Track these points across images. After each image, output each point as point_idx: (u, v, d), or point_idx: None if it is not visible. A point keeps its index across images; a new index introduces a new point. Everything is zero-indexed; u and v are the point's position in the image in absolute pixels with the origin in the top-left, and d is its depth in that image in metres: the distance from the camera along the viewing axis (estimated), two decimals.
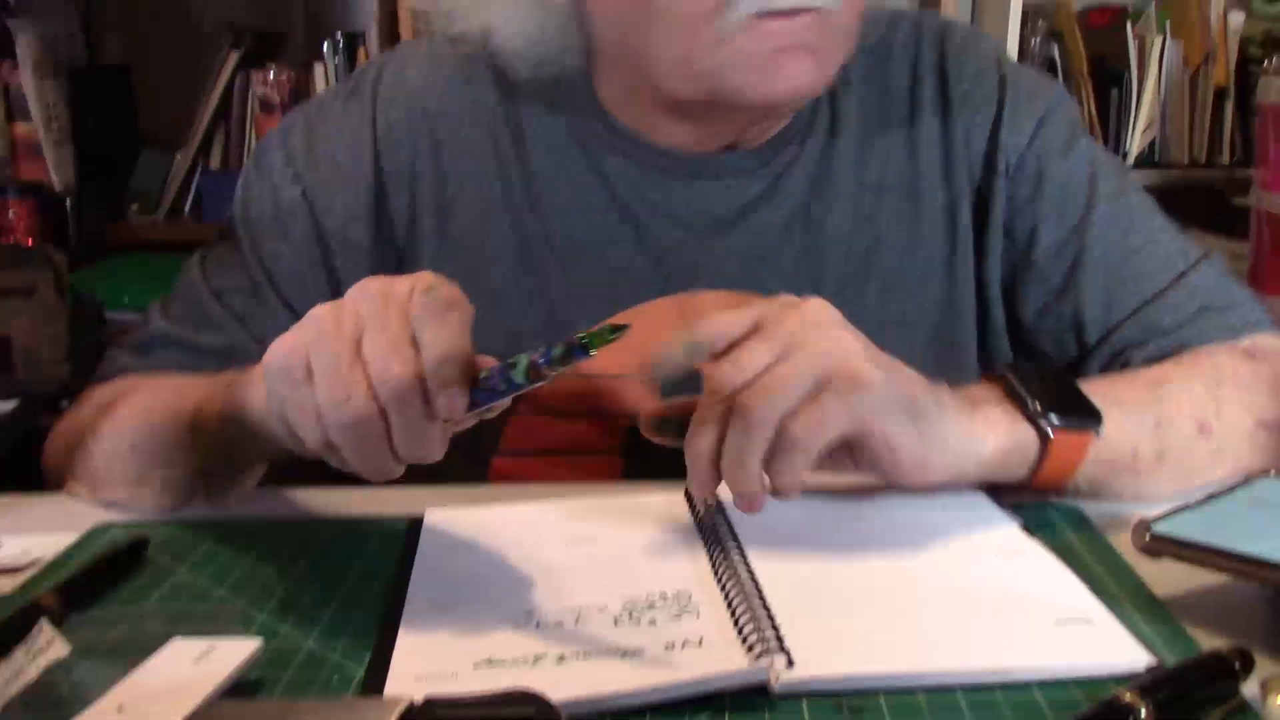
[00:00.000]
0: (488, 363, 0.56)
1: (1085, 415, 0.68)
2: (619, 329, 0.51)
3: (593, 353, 0.51)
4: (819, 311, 0.62)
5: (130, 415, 0.76)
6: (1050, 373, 0.72)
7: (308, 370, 0.56)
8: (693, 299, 0.82)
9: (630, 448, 0.82)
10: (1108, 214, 0.84)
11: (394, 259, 0.85)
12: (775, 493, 0.60)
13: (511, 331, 0.83)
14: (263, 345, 0.59)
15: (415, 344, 0.55)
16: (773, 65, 0.74)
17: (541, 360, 0.52)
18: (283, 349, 0.57)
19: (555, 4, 0.82)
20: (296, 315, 0.79)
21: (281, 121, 0.91)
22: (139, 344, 0.86)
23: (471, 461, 0.82)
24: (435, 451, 0.55)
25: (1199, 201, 2.20)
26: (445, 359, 0.54)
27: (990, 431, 0.66)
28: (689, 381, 0.63)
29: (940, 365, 0.83)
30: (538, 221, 0.84)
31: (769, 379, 0.58)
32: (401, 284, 0.57)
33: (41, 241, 2.08)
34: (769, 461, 0.59)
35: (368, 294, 0.57)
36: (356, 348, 0.55)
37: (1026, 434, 0.67)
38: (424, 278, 0.57)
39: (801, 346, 0.59)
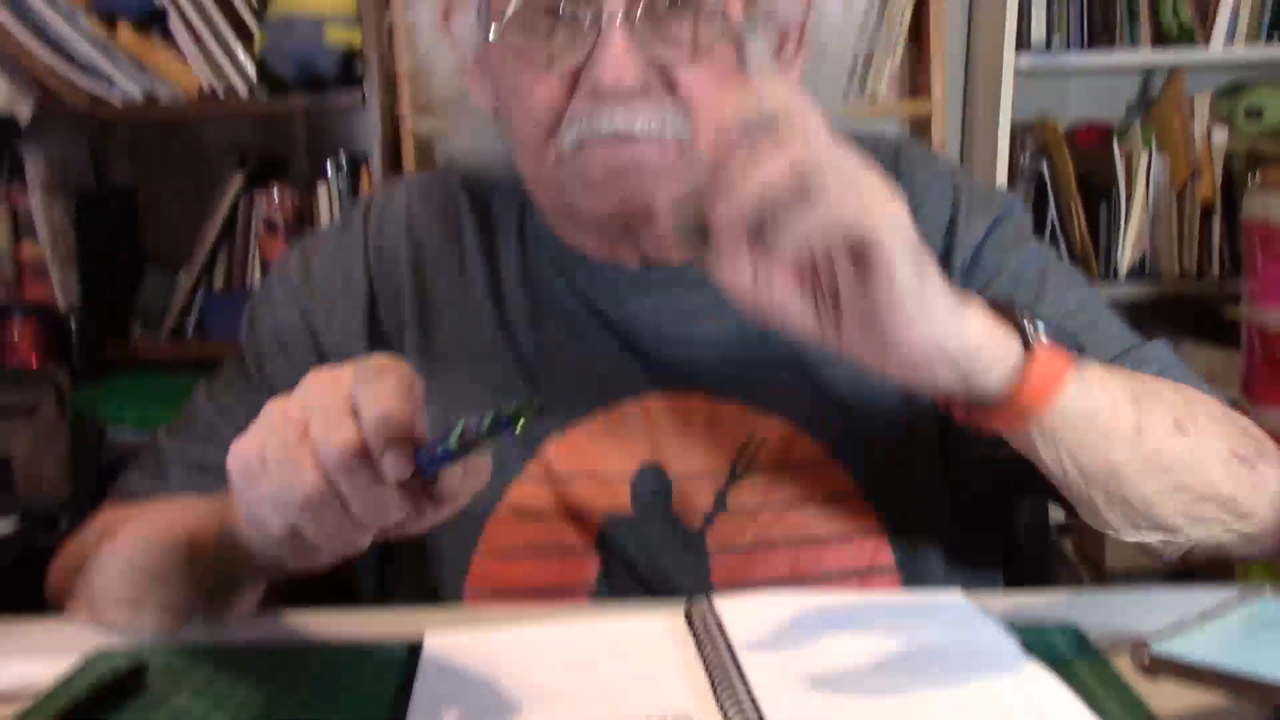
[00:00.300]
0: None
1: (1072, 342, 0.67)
2: (542, 407, 0.56)
3: (517, 429, 0.54)
4: None
5: (130, 539, 0.78)
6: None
7: (263, 462, 0.58)
8: (661, 400, 0.85)
9: (607, 544, 0.84)
10: (1059, 298, 0.85)
11: None
12: (764, 246, 0.58)
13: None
14: None
15: (356, 414, 0.57)
16: (604, 186, 0.78)
17: (473, 429, 0.56)
18: (241, 448, 0.60)
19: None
20: None
21: (279, 258, 0.96)
22: (148, 466, 0.89)
23: (452, 564, 0.84)
24: (392, 513, 0.57)
25: (1190, 314, 2.23)
26: (383, 421, 0.56)
27: (977, 319, 0.64)
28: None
29: (901, 447, 0.85)
30: (514, 332, 0.87)
31: (828, 148, 0.57)
32: (343, 369, 0.60)
33: (45, 361, 2.09)
34: (778, 210, 0.56)
35: (309, 384, 0.60)
36: (303, 431, 0.58)
37: (1010, 338, 0.65)
38: (365, 360, 0.60)
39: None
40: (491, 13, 0.79)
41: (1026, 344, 0.65)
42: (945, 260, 0.87)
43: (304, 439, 0.57)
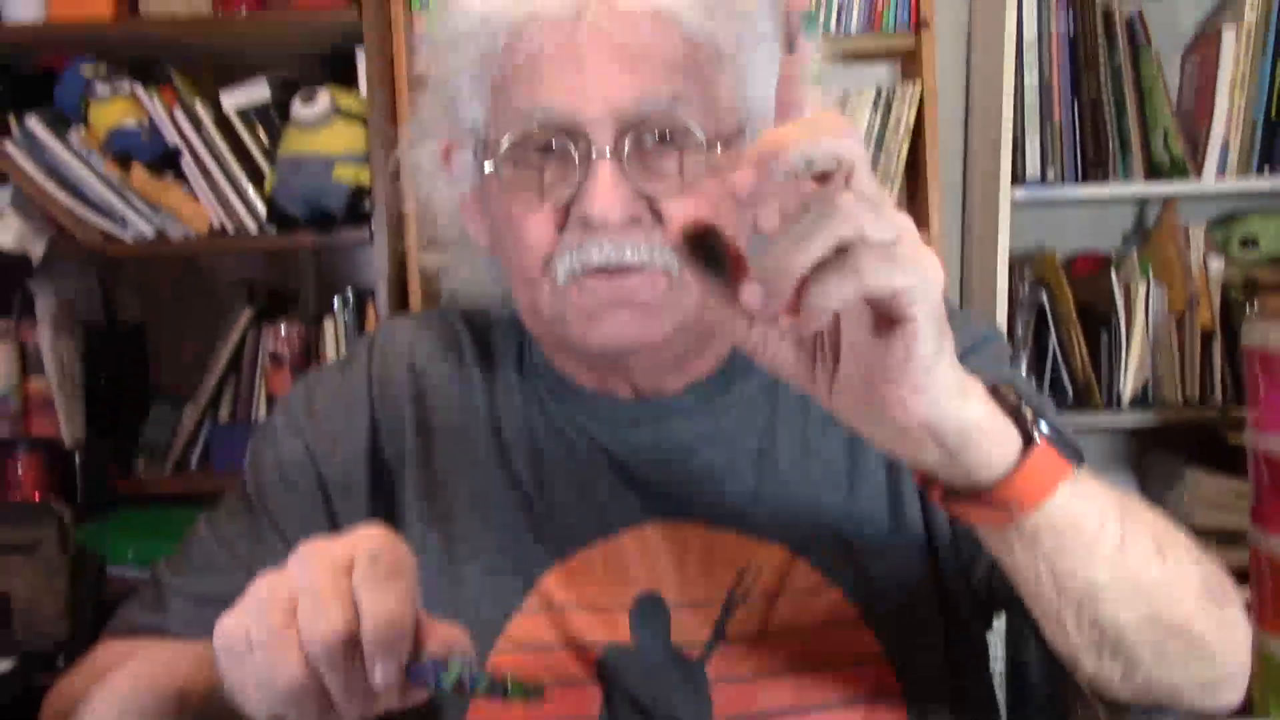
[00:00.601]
0: (435, 630, 0.57)
1: (1067, 444, 0.64)
2: (539, 691, 0.57)
3: (509, 697, 0.56)
4: None
5: (120, 687, 0.78)
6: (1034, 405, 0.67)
7: (249, 644, 0.58)
8: (657, 530, 0.85)
9: (608, 676, 0.83)
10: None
11: (388, 504, 0.90)
12: (797, 312, 0.54)
13: (485, 575, 0.86)
14: None
15: (353, 606, 0.56)
16: (596, 319, 0.79)
17: (469, 683, 0.56)
18: (226, 626, 0.59)
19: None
20: None
21: (284, 392, 0.96)
22: (147, 598, 0.90)
23: (453, 698, 0.83)
24: (376, 708, 0.57)
25: (1195, 441, 2.22)
26: (386, 626, 0.55)
27: (980, 402, 0.62)
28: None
29: (895, 571, 0.85)
30: (511, 465, 0.89)
31: (869, 202, 0.54)
32: (339, 547, 0.58)
33: (49, 495, 2.09)
34: (818, 270, 0.53)
35: (302, 560, 0.59)
36: (291, 614, 0.57)
37: (1009, 429, 0.63)
38: (367, 540, 0.59)
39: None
40: (487, 150, 0.82)
41: (1027, 438, 0.63)
42: None
43: (291, 622, 0.56)
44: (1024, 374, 0.87)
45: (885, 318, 0.56)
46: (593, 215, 0.76)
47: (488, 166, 0.81)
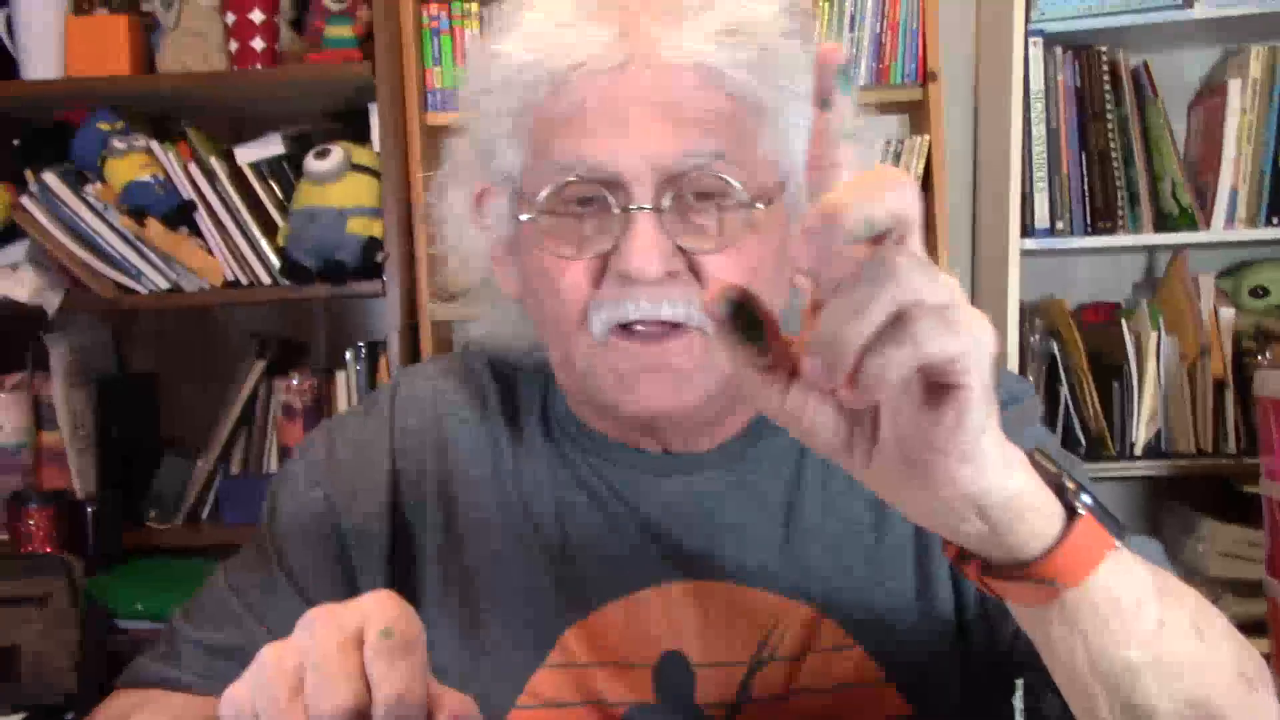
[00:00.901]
0: (445, 701, 0.56)
1: (1111, 516, 0.61)
2: None
3: None
4: None
5: None
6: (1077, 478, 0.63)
7: (254, 715, 0.56)
8: (681, 589, 0.84)
9: None
10: None
11: (407, 556, 0.88)
12: (854, 386, 0.51)
13: (507, 630, 0.85)
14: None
15: (362, 680, 0.55)
16: (629, 383, 0.79)
17: None
18: (232, 696, 0.57)
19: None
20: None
21: (304, 440, 0.96)
22: (161, 649, 0.89)
23: None
24: None
25: (1208, 491, 2.21)
26: (398, 704, 0.54)
27: (1023, 475, 0.58)
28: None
29: (919, 630, 0.84)
30: (534, 518, 0.87)
31: (922, 264, 0.50)
32: (349, 615, 0.57)
33: (60, 548, 2.09)
34: (874, 342, 0.50)
35: (310, 628, 0.57)
36: (298, 687, 0.55)
37: (1053, 503, 0.59)
38: (379, 610, 0.57)
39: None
40: (522, 198, 0.81)
41: (1070, 510, 0.60)
42: None
43: (298, 695, 0.55)
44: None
45: (935, 384, 0.52)
46: (631, 269, 0.75)
47: (524, 215, 0.81)
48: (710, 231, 0.78)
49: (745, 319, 0.54)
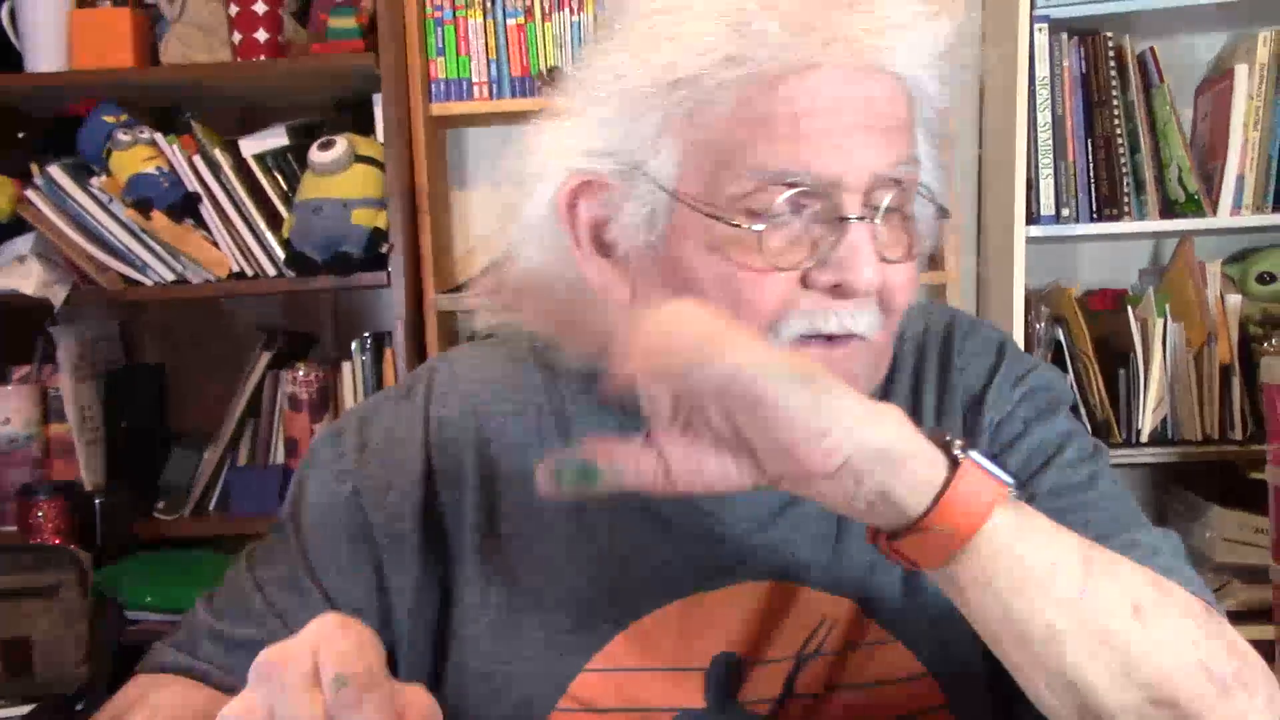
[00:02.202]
0: (408, 713, 0.54)
1: (1002, 470, 0.64)
2: None
3: None
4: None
5: None
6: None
7: None
8: (735, 592, 0.83)
9: None
10: (1065, 471, 0.85)
11: (441, 553, 0.86)
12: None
13: (550, 633, 0.83)
14: None
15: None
16: None
17: None
18: None
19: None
20: (336, 608, 0.80)
21: (336, 420, 0.93)
22: (181, 637, 0.87)
23: None
24: None
25: (1215, 477, 2.21)
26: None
27: (895, 425, 0.63)
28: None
29: (956, 624, 0.83)
30: (582, 520, 0.85)
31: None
32: (303, 657, 0.54)
33: (69, 539, 2.10)
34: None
35: (268, 679, 0.55)
36: None
37: (933, 451, 0.63)
38: (328, 646, 0.55)
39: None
40: (684, 201, 0.76)
41: (954, 462, 0.63)
42: (976, 418, 0.87)
43: None
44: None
45: (739, 395, 0.61)
46: (860, 283, 0.72)
47: (750, 224, 0.74)
48: (903, 242, 0.77)
49: (572, 473, 0.64)
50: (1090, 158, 2.18)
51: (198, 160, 2.17)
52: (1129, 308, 2.19)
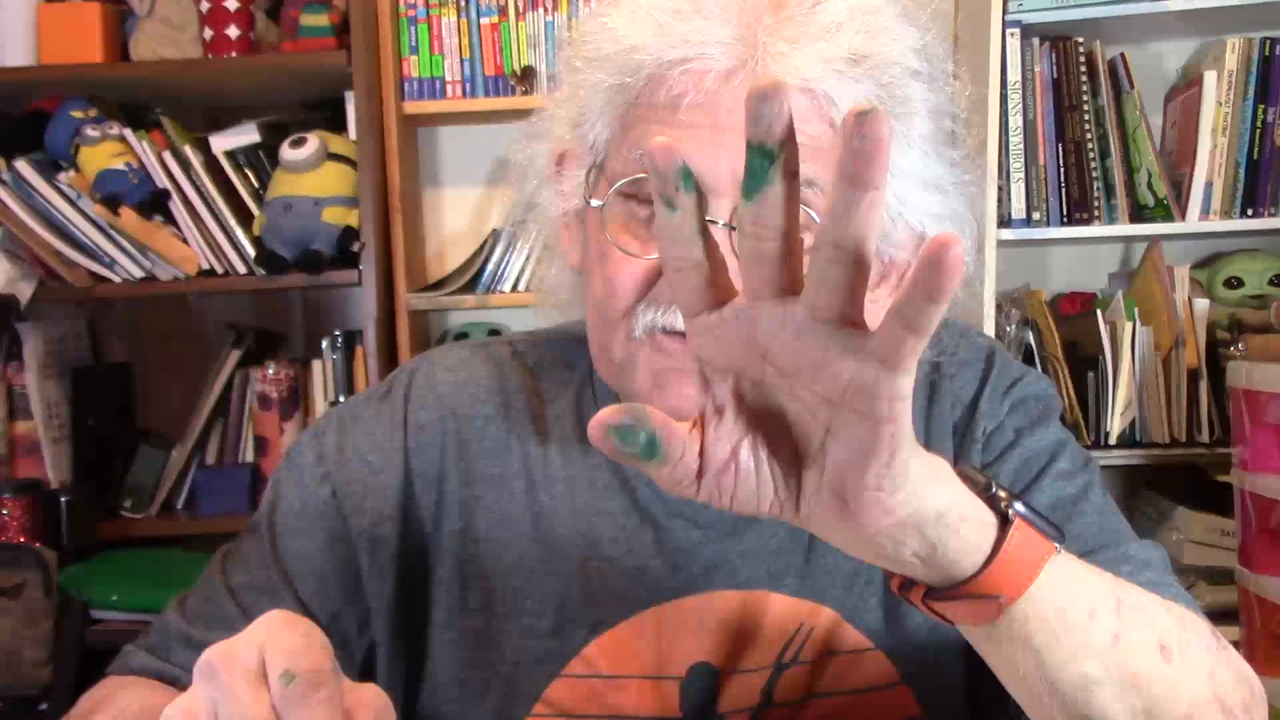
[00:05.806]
0: (358, 714, 0.53)
1: (1047, 522, 0.60)
2: None
3: None
4: None
5: None
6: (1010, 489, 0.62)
7: None
8: (711, 599, 0.83)
9: None
10: (1057, 484, 0.84)
11: (419, 556, 0.85)
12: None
13: (525, 638, 0.83)
14: None
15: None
16: (660, 383, 0.76)
17: None
18: None
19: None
20: (312, 614, 0.79)
21: (315, 423, 0.92)
22: (153, 641, 0.85)
23: None
24: None
25: (1183, 480, 2.23)
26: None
27: (951, 485, 0.57)
28: None
29: (934, 634, 0.83)
30: (559, 524, 0.84)
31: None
32: (248, 653, 0.53)
33: (34, 538, 2.07)
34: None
35: (213, 679, 0.53)
36: None
37: (985, 512, 0.58)
38: (275, 643, 0.53)
39: None
40: (602, 175, 0.78)
41: (1003, 519, 0.58)
42: (967, 429, 0.87)
43: None
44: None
45: (864, 423, 0.52)
46: None
47: (595, 200, 0.77)
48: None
49: (640, 441, 0.54)
50: (1061, 162, 2.19)
51: (167, 156, 2.15)
52: (1098, 311, 2.20)
